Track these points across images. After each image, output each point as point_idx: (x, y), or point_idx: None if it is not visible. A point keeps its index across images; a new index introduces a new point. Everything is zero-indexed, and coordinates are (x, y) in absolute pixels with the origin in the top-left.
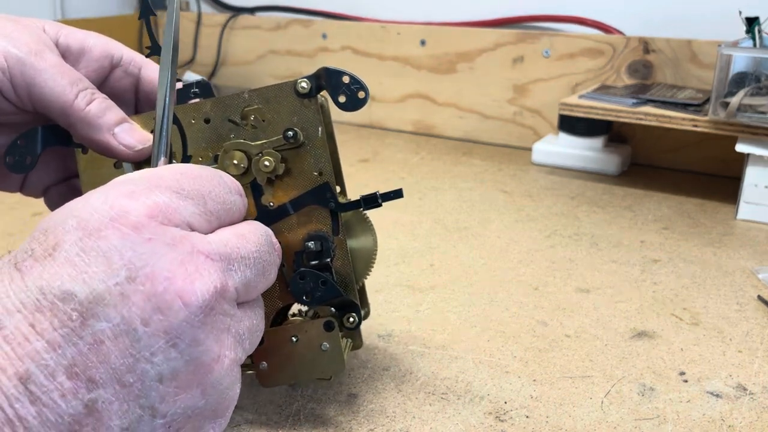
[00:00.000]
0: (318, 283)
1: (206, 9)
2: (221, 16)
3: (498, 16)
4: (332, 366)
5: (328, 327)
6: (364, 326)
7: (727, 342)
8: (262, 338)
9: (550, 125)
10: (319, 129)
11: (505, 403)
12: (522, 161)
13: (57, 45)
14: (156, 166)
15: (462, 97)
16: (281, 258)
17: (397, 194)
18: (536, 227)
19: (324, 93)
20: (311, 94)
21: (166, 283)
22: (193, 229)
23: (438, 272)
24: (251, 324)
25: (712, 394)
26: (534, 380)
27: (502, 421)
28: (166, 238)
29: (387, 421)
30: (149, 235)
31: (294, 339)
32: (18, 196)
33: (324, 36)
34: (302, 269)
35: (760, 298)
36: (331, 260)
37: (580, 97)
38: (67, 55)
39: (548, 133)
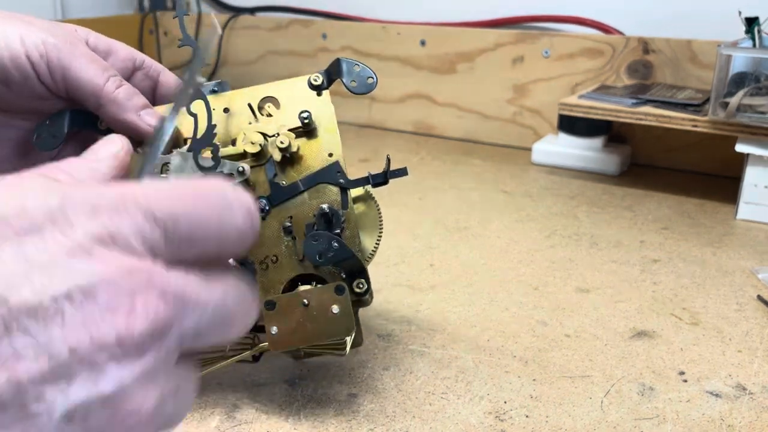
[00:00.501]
0: (330, 244)
1: (206, 9)
2: (221, 17)
3: (498, 16)
4: (342, 328)
5: (339, 291)
6: (364, 326)
7: (727, 342)
8: (274, 303)
9: (550, 125)
10: (331, 117)
11: (505, 402)
12: (522, 161)
13: (87, 44)
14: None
15: (462, 97)
16: (257, 315)
17: (402, 172)
18: (536, 227)
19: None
20: (323, 86)
21: (107, 314)
22: (155, 256)
23: (438, 272)
24: (179, 384)
25: (711, 393)
26: (534, 380)
27: (501, 420)
28: (121, 265)
29: (387, 421)
30: (101, 260)
31: (305, 302)
32: None
33: (324, 36)
34: (315, 231)
35: (759, 298)
36: (341, 232)
37: (580, 97)
38: (96, 52)
39: (548, 133)
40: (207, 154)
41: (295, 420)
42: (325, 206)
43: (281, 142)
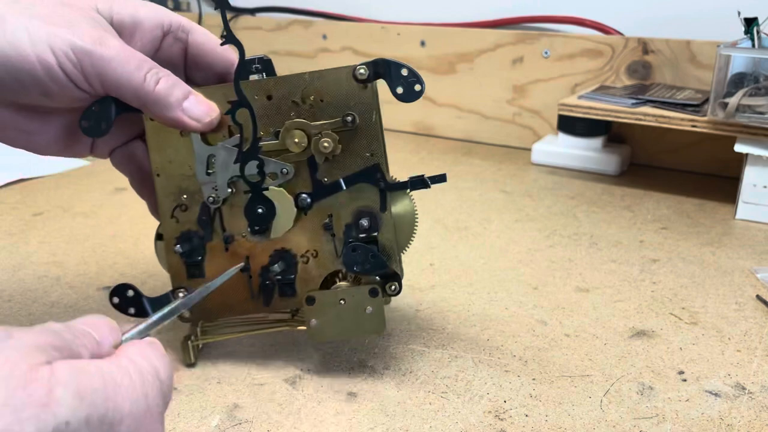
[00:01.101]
0: (368, 257)
1: (207, 9)
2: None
3: (497, 16)
4: (374, 326)
5: (373, 293)
6: None
7: (726, 341)
8: (314, 299)
9: (550, 125)
10: (374, 114)
11: (505, 402)
12: (522, 161)
13: (112, 23)
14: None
15: (462, 97)
16: None
17: (441, 178)
18: (536, 227)
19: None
20: (369, 80)
21: None
22: None
23: (438, 272)
24: None
25: (710, 393)
26: (533, 379)
27: (501, 419)
28: None
29: (387, 420)
30: None
31: (342, 302)
32: (19, 196)
33: (324, 37)
34: (355, 243)
35: (758, 297)
36: (377, 234)
37: (580, 97)
38: (122, 30)
39: (548, 133)
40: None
41: (295, 419)
42: (364, 222)
43: (325, 146)
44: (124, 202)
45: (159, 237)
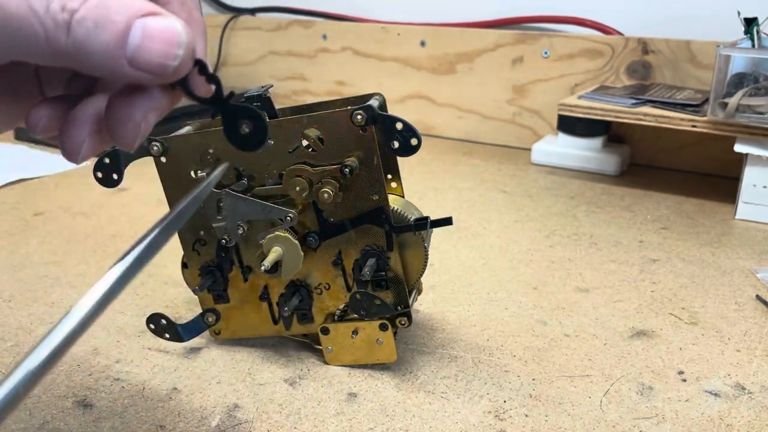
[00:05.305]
0: (373, 302)
1: (207, 10)
2: (222, 17)
3: (497, 16)
4: (385, 355)
5: (383, 328)
6: None
7: (726, 341)
8: (328, 329)
9: (550, 126)
10: (375, 158)
11: (505, 402)
12: (521, 161)
13: None
14: None
15: (462, 97)
16: None
17: (446, 221)
18: (536, 227)
19: None
20: (367, 124)
21: None
22: None
23: (438, 272)
24: None
25: (710, 393)
26: (533, 379)
27: (501, 420)
28: None
29: (387, 420)
30: None
31: (354, 335)
32: (19, 196)
33: (324, 37)
34: (360, 291)
35: (758, 297)
36: (386, 272)
37: (579, 97)
38: None
39: (548, 133)
40: None
41: (295, 420)
42: (369, 266)
43: (325, 197)
44: (124, 202)
45: (185, 265)
